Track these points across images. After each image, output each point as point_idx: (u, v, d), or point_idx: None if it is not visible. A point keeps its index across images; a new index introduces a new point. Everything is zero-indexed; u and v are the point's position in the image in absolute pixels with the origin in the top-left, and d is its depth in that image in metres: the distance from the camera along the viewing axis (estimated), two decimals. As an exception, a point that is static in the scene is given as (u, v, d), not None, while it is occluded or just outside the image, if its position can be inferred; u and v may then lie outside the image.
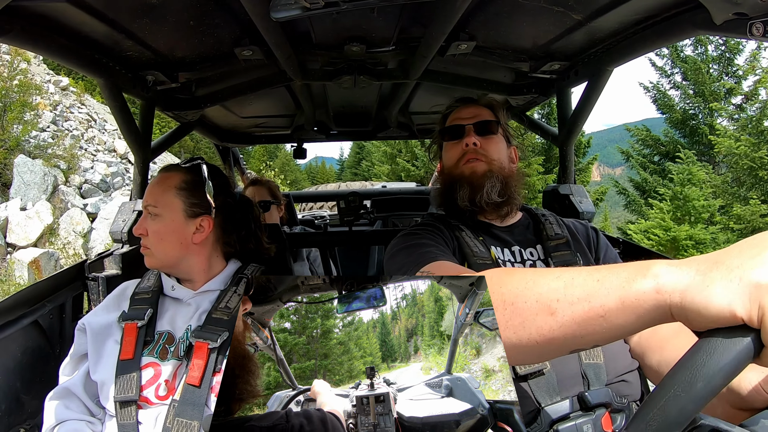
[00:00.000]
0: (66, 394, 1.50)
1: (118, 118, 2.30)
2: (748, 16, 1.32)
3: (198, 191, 1.62)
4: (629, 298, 0.65)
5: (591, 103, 2.40)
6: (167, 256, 1.60)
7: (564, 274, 0.77)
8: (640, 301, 0.64)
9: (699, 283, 0.58)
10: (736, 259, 0.57)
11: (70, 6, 1.54)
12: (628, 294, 0.66)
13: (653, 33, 1.79)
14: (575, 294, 0.73)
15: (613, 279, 0.69)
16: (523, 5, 1.75)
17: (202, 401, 1.36)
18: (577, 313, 0.72)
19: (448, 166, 1.76)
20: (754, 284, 0.54)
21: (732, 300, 0.55)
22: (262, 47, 1.98)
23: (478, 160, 1.68)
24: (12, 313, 1.73)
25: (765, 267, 0.54)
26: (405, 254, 1.50)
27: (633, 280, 0.66)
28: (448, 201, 1.73)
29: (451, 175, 1.72)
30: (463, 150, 1.70)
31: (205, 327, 1.47)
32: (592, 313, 0.70)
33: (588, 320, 0.71)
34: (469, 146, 1.69)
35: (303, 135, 4.08)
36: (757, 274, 0.54)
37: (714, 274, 0.58)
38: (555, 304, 0.75)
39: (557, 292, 0.75)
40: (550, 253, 1.61)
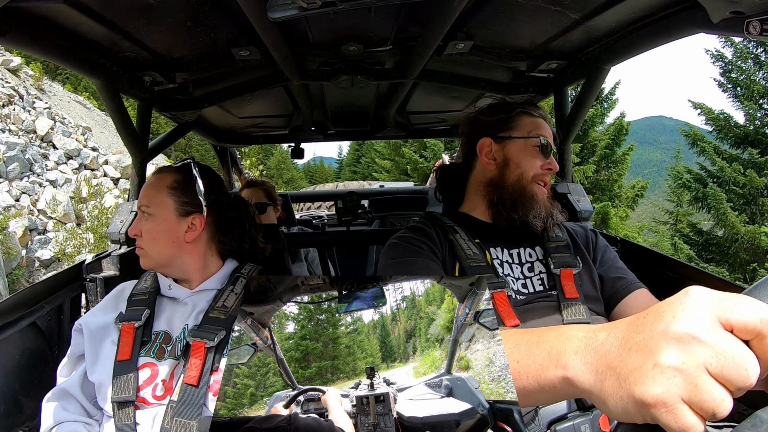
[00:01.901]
0: (63, 395, 1.50)
1: (115, 119, 2.30)
2: (745, 15, 1.32)
3: (189, 190, 1.63)
4: (545, 384, 0.74)
5: (588, 101, 2.40)
6: (161, 256, 1.60)
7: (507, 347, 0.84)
8: (555, 386, 0.72)
9: (598, 392, 0.64)
10: (624, 367, 0.60)
11: (68, 7, 1.54)
12: (544, 380, 0.74)
13: (650, 32, 1.79)
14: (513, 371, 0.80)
15: (530, 363, 0.77)
16: (520, 4, 1.75)
17: (200, 401, 1.36)
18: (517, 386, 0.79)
19: (524, 174, 1.68)
20: (641, 402, 0.57)
21: (628, 413, 0.60)
22: (260, 47, 1.98)
23: (546, 185, 1.70)
24: (10, 314, 1.72)
25: (646, 384, 0.57)
26: (398, 271, 1.52)
27: (546, 369, 0.74)
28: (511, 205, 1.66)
29: (524, 187, 1.66)
30: (543, 170, 1.67)
31: (202, 326, 1.47)
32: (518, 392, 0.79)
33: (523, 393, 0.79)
34: (550, 172, 1.69)
35: (301, 135, 4.07)
36: (640, 392, 0.57)
37: (607, 385, 0.62)
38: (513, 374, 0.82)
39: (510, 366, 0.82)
40: (549, 254, 1.61)
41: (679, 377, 0.55)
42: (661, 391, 0.55)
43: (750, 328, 0.54)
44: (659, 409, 0.55)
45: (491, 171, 1.72)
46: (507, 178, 1.68)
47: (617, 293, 1.60)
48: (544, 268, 1.62)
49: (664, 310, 0.60)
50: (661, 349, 0.57)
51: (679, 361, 0.55)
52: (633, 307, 1.55)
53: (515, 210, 1.64)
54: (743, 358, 0.53)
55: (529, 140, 1.69)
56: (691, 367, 0.54)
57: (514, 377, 0.78)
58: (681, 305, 0.58)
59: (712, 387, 0.53)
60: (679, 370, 0.55)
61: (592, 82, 2.30)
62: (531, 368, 0.75)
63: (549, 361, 0.73)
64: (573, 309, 1.49)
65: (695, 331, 0.55)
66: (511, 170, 1.68)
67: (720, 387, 0.54)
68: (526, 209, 1.62)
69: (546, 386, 0.73)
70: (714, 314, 0.56)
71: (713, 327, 0.55)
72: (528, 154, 1.68)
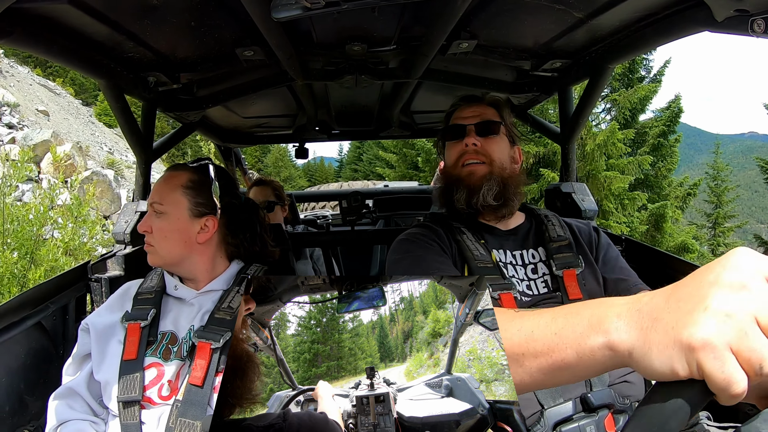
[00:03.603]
0: (69, 394, 1.51)
1: (119, 120, 2.31)
2: (750, 13, 1.32)
3: (204, 191, 1.63)
4: (585, 352, 0.71)
5: (592, 100, 2.40)
6: (170, 254, 1.60)
7: (525, 325, 0.82)
8: (595, 355, 0.69)
9: (641, 346, 0.62)
10: (672, 316, 0.59)
11: (72, 8, 1.55)
12: (584, 349, 0.71)
13: (654, 31, 1.79)
14: (537, 348, 0.78)
15: (569, 333, 0.74)
16: (524, 4, 1.75)
17: (204, 401, 1.36)
18: (542, 365, 0.78)
19: (448, 166, 1.76)
20: (688, 346, 0.56)
21: (672, 364, 0.58)
22: (264, 47, 1.99)
23: (478, 162, 1.67)
24: (16, 314, 1.73)
25: (695, 326, 0.56)
26: (409, 265, 1.53)
27: (587, 336, 0.71)
28: (447, 202, 1.73)
29: (450, 176, 1.72)
30: (462, 150, 1.69)
31: (207, 327, 1.48)
32: (555, 366, 0.76)
33: (552, 371, 0.77)
34: (468, 146, 1.68)
35: (305, 135, 4.08)
36: (688, 334, 0.56)
37: (653, 336, 0.61)
38: (521, 357, 0.80)
39: (521, 346, 0.81)
40: (552, 255, 1.60)
41: (729, 322, 0.54)
42: (712, 334, 0.54)
43: None
44: (707, 353, 0.54)
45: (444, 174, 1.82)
46: (444, 179, 1.78)
47: (619, 295, 1.59)
48: (548, 270, 1.61)
49: (713, 264, 0.59)
50: (713, 295, 0.56)
51: (731, 306, 0.54)
52: None
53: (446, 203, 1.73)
54: None
55: (446, 135, 1.78)
56: (742, 314, 0.53)
57: (552, 350, 0.76)
58: (731, 259, 0.58)
59: (760, 337, 0.53)
60: (729, 316, 0.54)
61: (596, 81, 2.29)
62: (570, 338, 0.73)
63: (590, 329, 0.71)
64: None
65: (747, 281, 0.55)
66: (445, 171, 1.80)
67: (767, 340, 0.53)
68: (450, 196, 1.69)
69: (585, 355, 0.71)
70: (762, 272, 0.56)
71: (763, 280, 0.55)
72: (449, 147, 1.77)
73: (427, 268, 1.48)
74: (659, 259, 2.12)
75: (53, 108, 20.86)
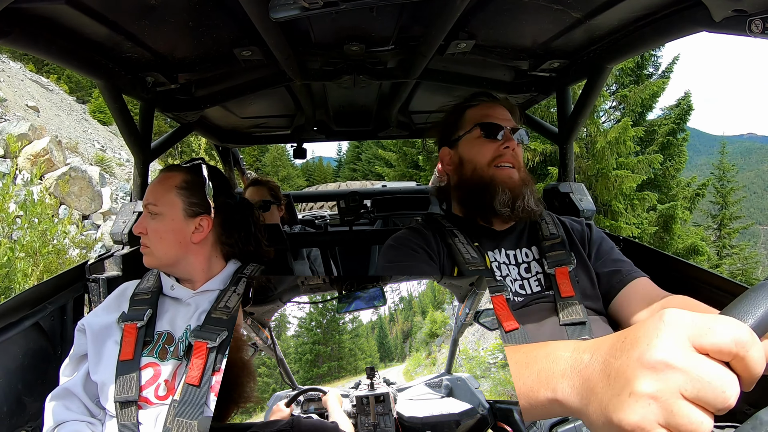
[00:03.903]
0: (66, 395, 1.51)
1: (117, 120, 2.30)
2: (747, 13, 1.32)
3: (198, 191, 1.63)
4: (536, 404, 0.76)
5: (590, 100, 2.40)
6: (166, 255, 1.61)
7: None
8: (546, 407, 0.75)
9: (584, 413, 0.67)
10: (605, 393, 0.62)
11: (70, 8, 1.54)
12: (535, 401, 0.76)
13: (652, 30, 1.79)
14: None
15: (520, 386, 0.79)
16: (522, 3, 1.75)
17: (201, 401, 1.36)
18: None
19: (478, 165, 1.68)
20: (618, 429, 0.59)
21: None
22: (262, 47, 1.98)
23: (513, 167, 1.66)
24: (13, 315, 1.73)
25: (624, 412, 0.58)
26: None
27: (537, 391, 0.76)
28: (475, 201, 1.68)
29: (482, 176, 1.65)
30: (499, 152, 1.65)
31: (204, 327, 1.48)
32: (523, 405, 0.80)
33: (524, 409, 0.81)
34: (508, 150, 1.65)
35: (303, 135, 4.08)
36: (618, 419, 0.59)
37: (591, 409, 0.65)
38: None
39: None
40: (544, 254, 1.61)
41: (654, 405, 0.56)
42: (638, 419, 0.56)
43: (725, 351, 0.55)
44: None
45: (454, 176, 1.76)
46: (464, 177, 1.70)
47: (613, 288, 1.59)
48: (541, 268, 1.61)
49: (639, 335, 0.61)
50: (636, 378, 0.58)
51: (654, 388, 0.56)
52: (631, 300, 1.53)
53: (478, 204, 1.65)
54: (720, 381, 0.54)
55: (472, 132, 1.70)
56: (666, 394, 0.55)
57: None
58: (655, 331, 0.59)
59: (689, 411, 0.54)
60: (654, 398, 0.56)
61: (595, 80, 2.29)
62: (522, 390, 0.78)
63: (539, 384, 0.75)
64: (569, 309, 1.49)
65: (669, 359, 0.56)
66: (465, 168, 1.71)
67: (697, 410, 0.54)
68: (489, 197, 1.61)
69: (537, 406, 0.76)
70: (688, 339, 0.57)
71: (687, 353, 0.56)
72: (476, 145, 1.69)
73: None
74: (657, 259, 2.12)
75: (44, 104, 20.72)
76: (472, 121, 1.72)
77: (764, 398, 0.85)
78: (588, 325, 1.46)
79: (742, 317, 0.59)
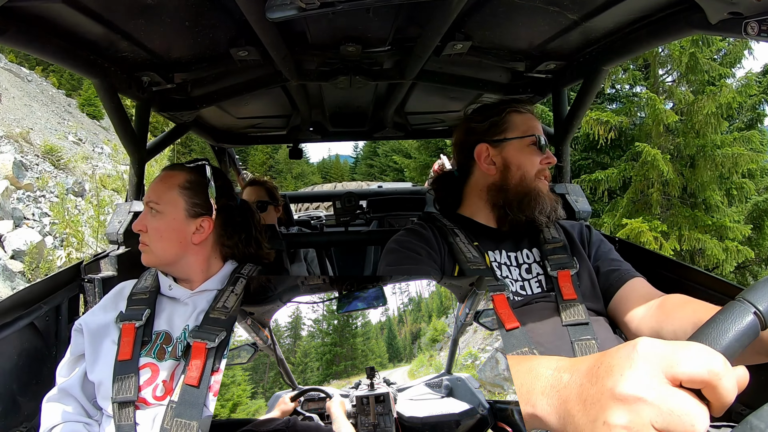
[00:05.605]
0: (63, 395, 1.50)
1: (113, 119, 2.29)
2: (743, 16, 1.33)
3: (201, 192, 1.63)
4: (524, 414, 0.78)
5: (586, 102, 2.41)
6: (165, 254, 1.60)
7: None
8: (527, 421, 0.77)
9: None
10: (581, 418, 0.66)
11: (66, 7, 1.54)
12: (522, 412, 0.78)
13: (648, 33, 1.80)
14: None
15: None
16: (518, 5, 1.76)
17: (200, 401, 1.36)
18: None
19: (527, 173, 1.68)
20: None
21: None
22: (258, 48, 1.98)
23: (547, 178, 1.71)
24: (8, 315, 1.72)
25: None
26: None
27: (520, 404, 0.79)
28: (516, 205, 1.67)
29: (528, 185, 1.66)
30: (542, 165, 1.69)
31: (202, 327, 1.47)
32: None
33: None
34: (550, 164, 1.71)
35: (299, 135, 4.06)
36: None
37: (567, 430, 0.68)
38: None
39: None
40: (546, 256, 1.61)
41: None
42: None
43: (697, 380, 0.57)
44: None
45: (492, 175, 1.71)
46: (510, 181, 1.68)
47: (611, 286, 1.60)
48: (542, 270, 1.62)
49: (614, 364, 0.64)
50: (609, 408, 0.61)
51: (626, 420, 0.59)
52: (628, 298, 1.53)
53: (522, 210, 1.64)
54: (689, 415, 0.57)
55: (524, 139, 1.69)
56: (638, 426, 0.58)
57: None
58: (628, 362, 0.62)
59: None
60: (626, 428, 0.58)
61: (591, 82, 2.30)
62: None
63: (519, 398, 0.78)
64: (571, 310, 1.49)
65: (640, 393, 0.59)
66: (512, 172, 1.68)
67: None
68: (532, 207, 1.63)
69: (525, 418, 0.78)
70: (660, 370, 0.59)
71: (658, 385, 0.59)
72: (526, 153, 1.68)
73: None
74: (652, 261, 2.13)
75: (15, 93, 20.49)
76: (521, 128, 1.71)
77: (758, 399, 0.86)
78: (590, 326, 1.46)
79: (712, 343, 0.62)
